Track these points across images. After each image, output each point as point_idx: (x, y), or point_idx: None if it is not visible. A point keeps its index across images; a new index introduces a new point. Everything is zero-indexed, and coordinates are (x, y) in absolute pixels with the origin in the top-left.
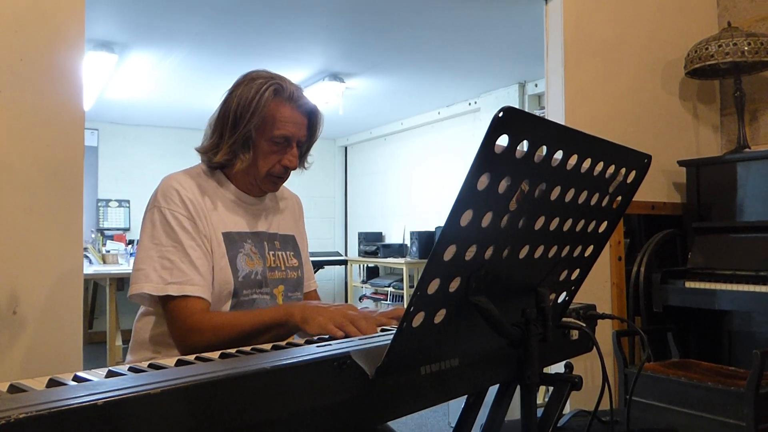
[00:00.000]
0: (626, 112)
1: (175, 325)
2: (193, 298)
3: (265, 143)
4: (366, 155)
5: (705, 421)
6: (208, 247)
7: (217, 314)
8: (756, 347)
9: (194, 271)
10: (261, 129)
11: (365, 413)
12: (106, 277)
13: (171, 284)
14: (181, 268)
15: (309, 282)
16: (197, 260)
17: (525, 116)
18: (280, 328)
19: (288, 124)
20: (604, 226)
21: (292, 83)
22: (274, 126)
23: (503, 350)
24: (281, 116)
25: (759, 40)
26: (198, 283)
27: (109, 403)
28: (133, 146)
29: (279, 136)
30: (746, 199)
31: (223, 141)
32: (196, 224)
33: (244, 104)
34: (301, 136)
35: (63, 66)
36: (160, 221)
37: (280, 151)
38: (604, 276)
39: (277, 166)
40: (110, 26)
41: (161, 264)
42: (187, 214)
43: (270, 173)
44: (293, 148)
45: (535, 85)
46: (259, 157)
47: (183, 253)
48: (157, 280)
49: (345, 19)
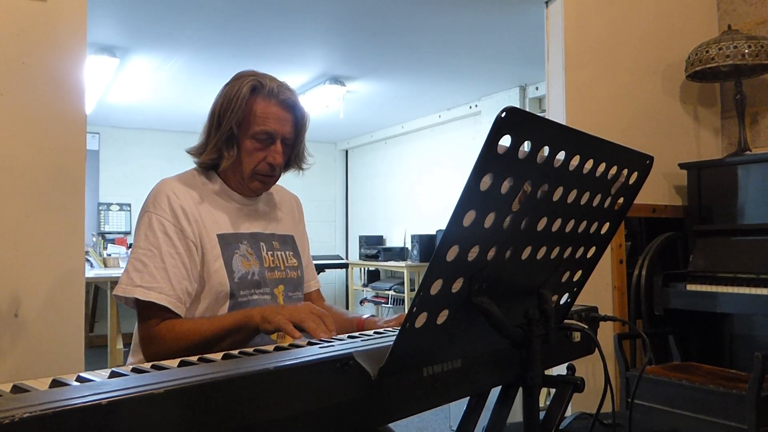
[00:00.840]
0: (627, 114)
1: (140, 329)
2: (157, 306)
3: (248, 141)
4: (367, 158)
5: (706, 424)
6: (196, 256)
7: (179, 322)
8: (757, 350)
9: (165, 279)
10: (242, 127)
11: (367, 414)
12: (108, 281)
13: (138, 287)
14: (152, 273)
15: (311, 282)
16: (172, 269)
17: (527, 116)
18: (240, 332)
19: (269, 120)
20: (606, 227)
21: (275, 80)
22: (254, 122)
23: (506, 352)
24: (261, 112)
25: (759, 43)
26: (166, 293)
27: (113, 403)
28: (135, 150)
29: (260, 132)
30: (747, 201)
31: (209, 140)
32: (182, 232)
33: (226, 102)
34: (286, 133)
35: (65, 69)
36: (145, 224)
37: (263, 149)
38: (606, 279)
39: (262, 164)
40: (112, 30)
41: (134, 266)
42: (174, 221)
43: (256, 171)
44: (277, 145)
45: (536, 88)
46: (244, 156)
47: (159, 259)
48: (126, 281)
49: (346, 23)
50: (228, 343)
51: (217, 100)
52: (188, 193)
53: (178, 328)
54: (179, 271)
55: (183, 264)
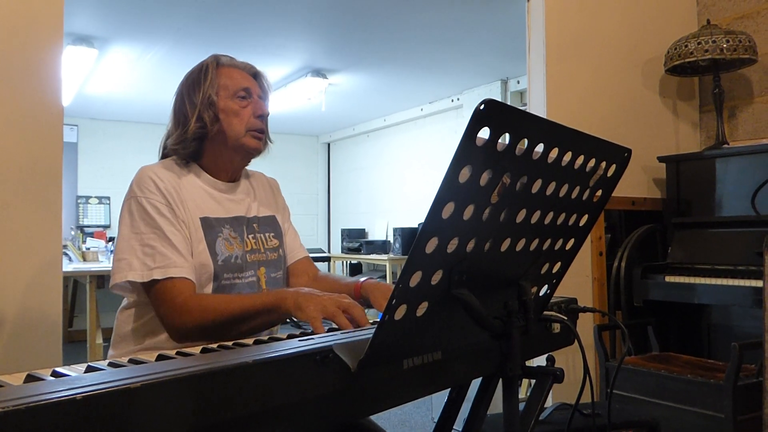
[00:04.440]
0: (607, 108)
1: (163, 307)
2: (178, 279)
3: (231, 102)
4: (349, 152)
5: (685, 413)
6: (187, 233)
7: (206, 296)
8: (734, 340)
9: (176, 253)
10: (219, 92)
11: (348, 407)
12: (87, 275)
13: (155, 269)
14: (163, 253)
15: (295, 252)
16: (178, 243)
17: (506, 109)
18: (271, 313)
19: (242, 79)
20: (584, 219)
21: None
22: (231, 84)
23: (486, 344)
24: (233, 75)
25: (737, 38)
26: (181, 265)
27: (88, 398)
28: (114, 142)
29: (240, 90)
30: (725, 194)
31: (189, 120)
32: (173, 210)
33: (195, 84)
34: (258, 91)
35: (41, 60)
36: (137, 210)
37: (247, 105)
38: (586, 271)
39: (251, 119)
40: (90, 20)
41: (143, 251)
42: (165, 202)
43: (249, 128)
44: (256, 99)
45: (517, 81)
46: (232, 118)
47: (163, 238)
48: (140, 267)
49: (328, 16)
50: (258, 323)
51: (182, 89)
52: (171, 177)
53: (206, 302)
54: (184, 244)
55: (185, 239)
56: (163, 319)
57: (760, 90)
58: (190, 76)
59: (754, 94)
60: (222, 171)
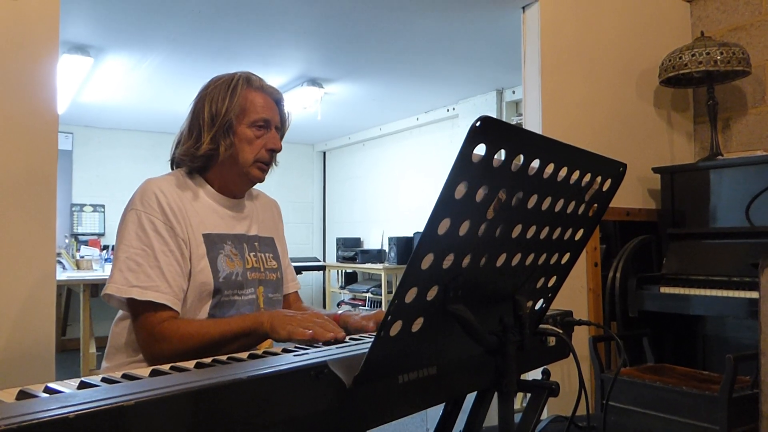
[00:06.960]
0: (602, 119)
1: (142, 332)
2: (159, 305)
3: (248, 129)
4: (344, 160)
5: (680, 425)
6: (186, 253)
7: (185, 322)
8: (729, 352)
9: (161, 277)
10: (240, 116)
11: (343, 423)
12: (80, 283)
13: (134, 287)
14: (147, 273)
15: (290, 284)
16: (166, 267)
17: (502, 126)
18: (248, 336)
19: (265, 108)
20: (580, 233)
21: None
22: (253, 111)
23: (481, 358)
24: (257, 102)
25: (731, 50)
26: (164, 291)
27: (81, 416)
28: (109, 150)
29: (259, 120)
30: (719, 205)
31: (203, 135)
32: (173, 230)
33: (219, 97)
34: (277, 122)
35: (37, 68)
36: (134, 224)
37: (262, 136)
38: (581, 282)
39: (262, 151)
40: (86, 29)
41: (127, 266)
42: (164, 219)
43: (258, 159)
44: (273, 132)
45: (512, 92)
46: (245, 145)
47: (152, 258)
48: (121, 281)
49: (324, 25)
50: (236, 347)
51: (205, 99)
52: (175, 192)
53: (184, 329)
54: (174, 268)
55: (176, 261)
56: (141, 345)
57: (753, 101)
58: (217, 87)
59: (747, 106)
60: (226, 189)
